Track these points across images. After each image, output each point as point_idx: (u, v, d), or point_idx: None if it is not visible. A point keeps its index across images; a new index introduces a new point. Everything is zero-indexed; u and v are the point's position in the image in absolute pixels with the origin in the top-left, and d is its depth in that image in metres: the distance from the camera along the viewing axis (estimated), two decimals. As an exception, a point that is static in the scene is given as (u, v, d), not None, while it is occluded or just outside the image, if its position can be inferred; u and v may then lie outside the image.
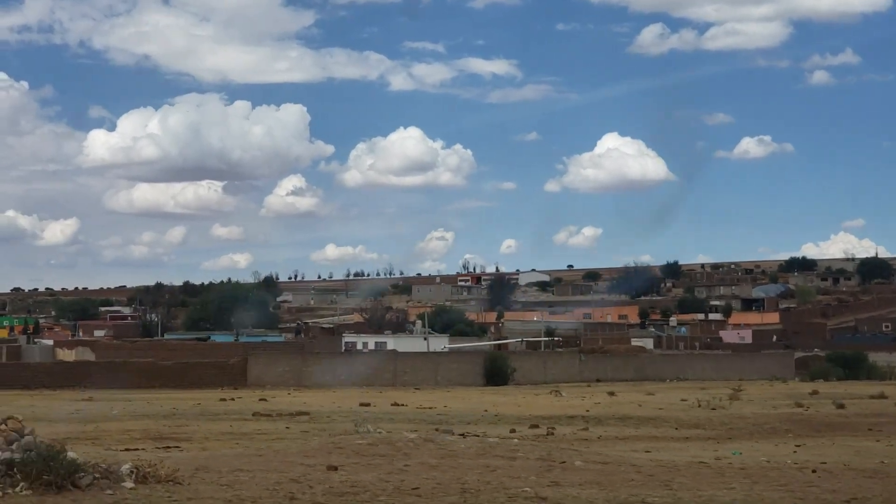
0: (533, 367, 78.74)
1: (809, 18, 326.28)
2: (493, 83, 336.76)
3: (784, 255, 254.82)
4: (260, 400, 49.26)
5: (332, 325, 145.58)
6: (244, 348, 73.21)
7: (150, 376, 64.17)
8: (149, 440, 28.16)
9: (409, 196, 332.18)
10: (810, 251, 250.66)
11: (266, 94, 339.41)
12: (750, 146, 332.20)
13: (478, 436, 24.53)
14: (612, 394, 57.42)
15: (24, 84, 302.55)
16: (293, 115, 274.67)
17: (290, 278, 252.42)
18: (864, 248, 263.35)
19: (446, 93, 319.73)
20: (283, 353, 74.37)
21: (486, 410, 41.30)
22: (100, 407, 43.37)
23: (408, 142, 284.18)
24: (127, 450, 23.95)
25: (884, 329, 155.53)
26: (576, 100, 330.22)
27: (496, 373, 73.75)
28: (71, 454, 13.91)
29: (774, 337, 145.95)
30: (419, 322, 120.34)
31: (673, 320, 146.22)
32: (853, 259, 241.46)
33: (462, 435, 21.73)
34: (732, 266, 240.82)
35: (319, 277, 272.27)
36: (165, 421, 35.93)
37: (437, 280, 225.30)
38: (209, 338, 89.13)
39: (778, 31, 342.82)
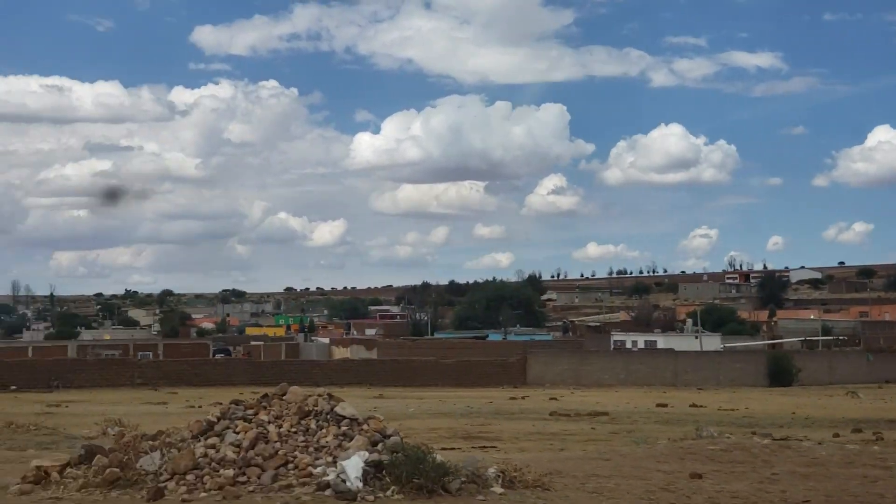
0: (818, 367, 75.50)
1: None
2: (757, 76, 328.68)
3: None
4: (550, 399, 48.43)
5: (598, 324, 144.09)
6: (523, 347, 72.73)
7: (432, 374, 64.43)
8: (459, 439, 27.57)
9: (671, 193, 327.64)
10: None
11: (526, 94, 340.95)
12: None
13: (799, 440, 22.88)
14: (915, 396, 54.18)
15: (294, 90, 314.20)
16: (553, 114, 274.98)
17: (552, 277, 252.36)
18: None
19: (709, 87, 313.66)
20: (562, 351, 73.62)
21: (793, 413, 39.16)
22: (395, 404, 43.43)
23: (669, 138, 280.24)
24: (444, 449, 23.32)
25: None
26: (845, 91, 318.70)
27: (780, 373, 70.98)
28: (438, 456, 13.17)
29: None
30: (689, 320, 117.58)
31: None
32: None
33: (818, 442, 20.17)
34: None
35: (582, 276, 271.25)
36: (465, 420, 35.42)
37: (704, 278, 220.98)
38: (487, 336, 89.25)
39: None
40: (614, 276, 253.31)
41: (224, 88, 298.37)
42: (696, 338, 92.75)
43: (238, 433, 13.44)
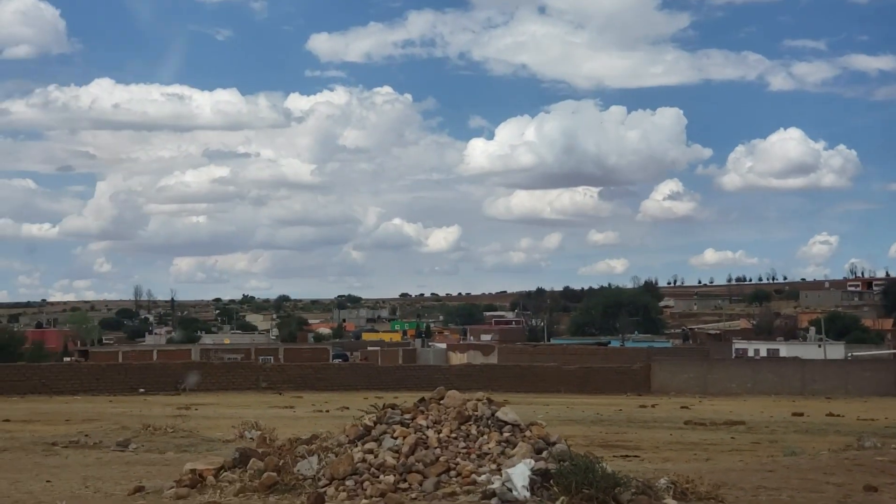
0: (953, 377, 73.21)
1: None
2: (878, 80, 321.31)
3: None
4: (681, 407, 47.40)
5: (718, 331, 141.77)
6: (646, 354, 71.61)
7: (554, 381, 63.71)
8: (597, 447, 26.84)
9: (790, 199, 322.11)
10: None
11: (641, 99, 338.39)
12: None
13: None
14: None
15: (409, 97, 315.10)
16: (669, 118, 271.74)
17: (669, 283, 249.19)
18: None
19: (828, 91, 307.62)
20: (687, 359, 72.27)
21: (941, 424, 37.66)
22: (522, 410, 42.76)
23: (788, 143, 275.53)
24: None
25: None
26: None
27: (911, 382, 68.92)
28: (607, 466, 12.56)
29: None
30: (812, 328, 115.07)
31: None
32: None
33: None
34: None
35: (700, 282, 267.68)
36: (598, 427, 34.74)
37: (826, 285, 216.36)
38: (608, 343, 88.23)
39: None
40: (733, 283, 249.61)
41: (339, 95, 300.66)
42: (820, 346, 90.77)
43: (396, 438, 12.97)
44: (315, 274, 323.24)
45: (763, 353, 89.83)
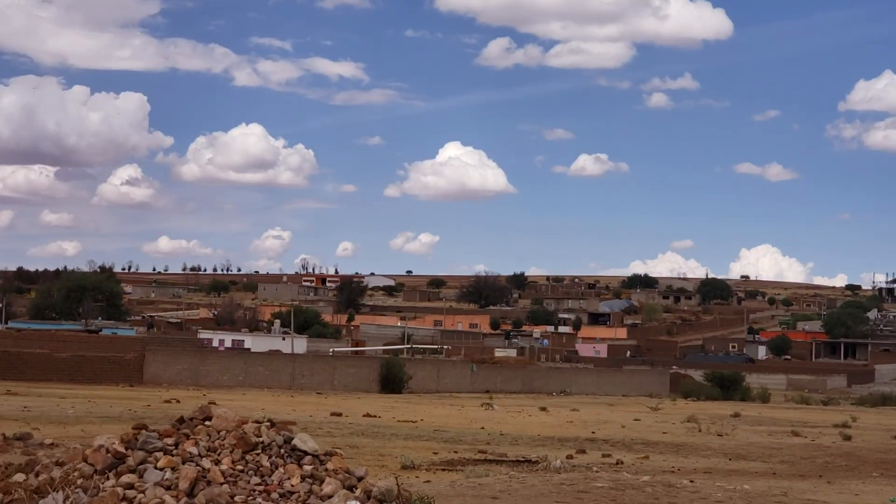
0: (427, 375, 77.11)
1: (652, 42, 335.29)
2: (339, 85, 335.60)
3: (614, 272, 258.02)
4: (210, 403, 45.11)
5: (179, 320, 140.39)
6: (141, 343, 68.38)
7: (44, 369, 59.12)
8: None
9: (247, 193, 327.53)
10: (639, 269, 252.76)
11: (106, 81, 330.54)
12: (587, 163, 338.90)
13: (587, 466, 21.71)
14: (544, 409, 55.47)
15: None
16: (133, 103, 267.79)
17: (123, 269, 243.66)
18: (691, 269, 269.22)
19: (291, 91, 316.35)
20: (182, 350, 69.81)
21: (482, 427, 38.29)
22: (44, 404, 38.86)
23: (249, 138, 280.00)
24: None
25: (731, 349, 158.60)
26: (421, 107, 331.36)
27: (392, 379, 71.48)
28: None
29: (629, 353, 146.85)
30: (278, 321, 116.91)
31: (537, 332, 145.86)
32: (684, 278, 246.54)
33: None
34: (576, 280, 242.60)
35: (154, 270, 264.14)
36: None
37: (284, 279, 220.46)
38: (100, 330, 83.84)
39: (621, 52, 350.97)
40: (189, 272, 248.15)
41: None
42: (284, 339, 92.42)
43: (162, 469, 10.29)
44: None
45: (228, 344, 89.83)
